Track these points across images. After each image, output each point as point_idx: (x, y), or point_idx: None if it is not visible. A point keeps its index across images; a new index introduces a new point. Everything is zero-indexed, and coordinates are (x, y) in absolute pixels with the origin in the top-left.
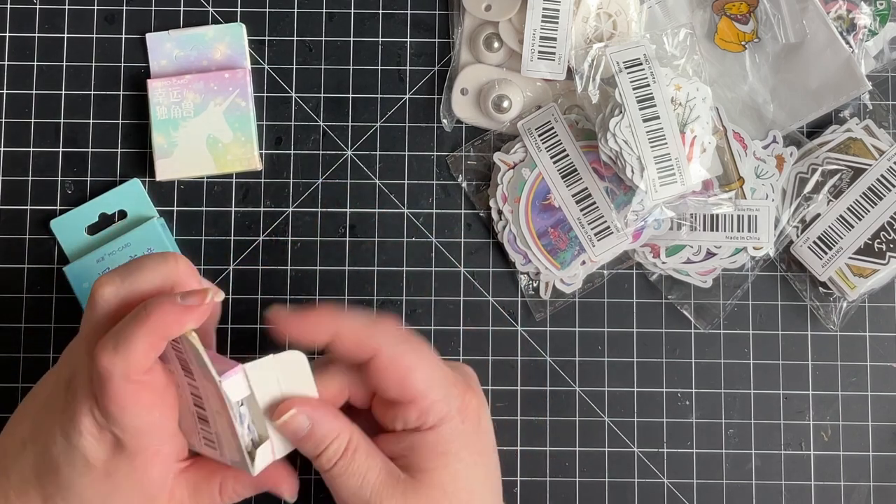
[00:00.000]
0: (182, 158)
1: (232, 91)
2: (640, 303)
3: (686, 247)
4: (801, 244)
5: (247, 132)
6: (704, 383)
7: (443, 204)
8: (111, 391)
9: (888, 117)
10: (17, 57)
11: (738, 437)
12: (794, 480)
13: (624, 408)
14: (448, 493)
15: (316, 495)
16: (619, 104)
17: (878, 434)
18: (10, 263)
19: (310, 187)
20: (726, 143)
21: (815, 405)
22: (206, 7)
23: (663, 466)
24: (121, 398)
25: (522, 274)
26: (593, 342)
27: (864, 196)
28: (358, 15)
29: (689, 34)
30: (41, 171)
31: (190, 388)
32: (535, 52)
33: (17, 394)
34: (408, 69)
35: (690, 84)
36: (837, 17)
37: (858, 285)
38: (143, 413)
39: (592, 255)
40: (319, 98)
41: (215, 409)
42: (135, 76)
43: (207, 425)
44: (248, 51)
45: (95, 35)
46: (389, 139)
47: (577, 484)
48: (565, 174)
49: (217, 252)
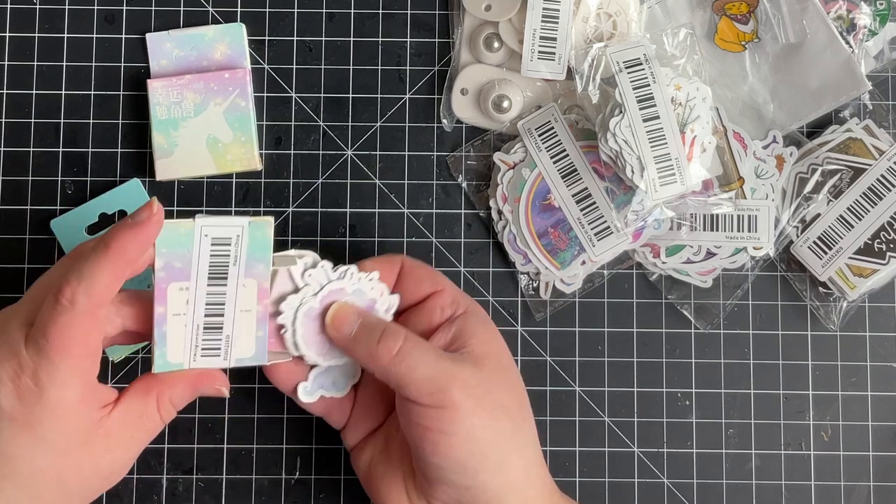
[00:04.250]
0: (182, 158)
1: (232, 91)
2: (640, 303)
3: (686, 247)
4: (801, 244)
5: (247, 132)
6: (704, 383)
7: (443, 204)
8: (66, 322)
9: (888, 117)
10: (17, 57)
11: (738, 437)
12: (794, 480)
13: (624, 408)
14: (493, 360)
15: (316, 495)
16: (619, 104)
17: (878, 434)
18: (10, 263)
19: (310, 187)
20: (726, 143)
21: (815, 405)
22: (206, 7)
23: (663, 466)
24: (73, 331)
25: (522, 274)
26: (593, 342)
27: (864, 196)
28: (358, 15)
29: (689, 34)
30: (41, 171)
31: (206, 298)
32: (535, 52)
33: None
34: (408, 69)
35: (690, 84)
36: (837, 17)
37: (858, 285)
38: (83, 354)
39: (592, 255)
40: (319, 98)
41: (244, 309)
42: (135, 76)
43: (217, 332)
44: (248, 51)
45: (95, 35)
46: (389, 139)
47: (577, 484)
48: (565, 174)
49: None
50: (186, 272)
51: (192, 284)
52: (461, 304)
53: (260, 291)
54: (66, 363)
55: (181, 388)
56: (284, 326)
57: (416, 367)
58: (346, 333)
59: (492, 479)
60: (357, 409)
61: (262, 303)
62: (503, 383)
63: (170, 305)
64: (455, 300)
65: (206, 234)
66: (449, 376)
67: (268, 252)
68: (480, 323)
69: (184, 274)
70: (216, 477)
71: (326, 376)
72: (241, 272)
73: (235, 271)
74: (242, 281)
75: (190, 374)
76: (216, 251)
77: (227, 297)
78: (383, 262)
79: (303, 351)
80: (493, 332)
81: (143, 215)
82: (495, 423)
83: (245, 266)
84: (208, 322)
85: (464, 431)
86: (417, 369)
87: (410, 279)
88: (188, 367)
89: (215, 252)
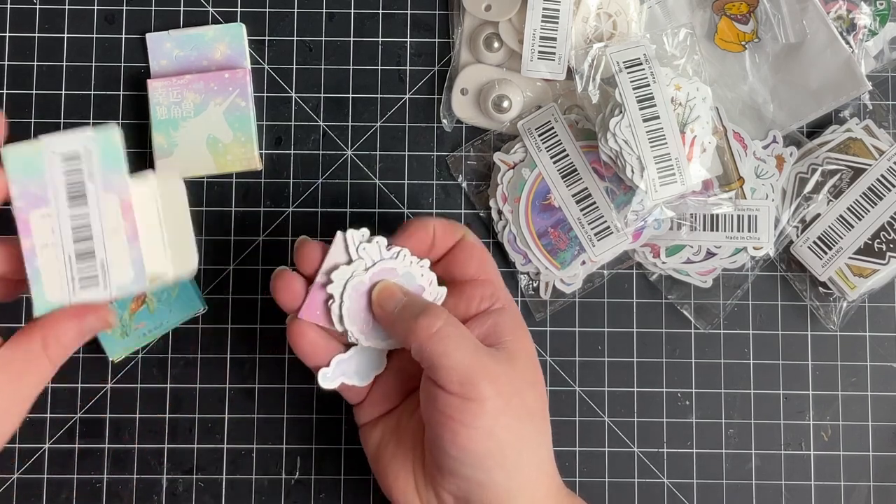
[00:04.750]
0: (182, 158)
1: (232, 91)
2: (640, 303)
3: (686, 247)
4: (801, 244)
5: (247, 132)
6: (704, 383)
7: (443, 204)
8: None
9: (888, 117)
10: (17, 57)
11: (738, 437)
12: (794, 480)
13: (624, 408)
14: (525, 361)
15: (316, 495)
16: (619, 104)
17: (878, 434)
18: None
19: (310, 187)
20: (726, 143)
21: (815, 405)
22: (206, 7)
23: (663, 466)
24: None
25: (522, 274)
26: (593, 342)
27: (864, 196)
28: (358, 15)
29: (689, 34)
30: None
31: (71, 222)
32: (535, 52)
33: None
34: (408, 69)
35: (690, 84)
36: (837, 17)
37: (858, 285)
38: None
39: (592, 255)
40: (319, 98)
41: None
42: (135, 76)
43: (90, 259)
44: (248, 51)
45: (95, 35)
46: (389, 139)
47: (577, 484)
48: (565, 174)
49: (217, 252)
50: (44, 197)
51: (52, 210)
52: (501, 298)
53: (123, 206)
54: None
55: (65, 324)
56: (332, 297)
57: (452, 353)
58: (390, 310)
59: (506, 478)
60: (374, 393)
61: (127, 218)
62: (532, 385)
63: (35, 236)
64: (495, 293)
65: (53, 152)
66: (482, 368)
67: (120, 162)
68: (516, 321)
69: (42, 200)
70: (216, 477)
71: (350, 363)
72: (99, 187)
73: (93, 188)
74: (102, 196)
75: (70, 309)
76: (69, 167)
77: (91, 217)
78: (446, 228)
79: (346, 325)
80: (526, 333)
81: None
82: (518, 424)
83: (102, 180)
84: (79, 249)
85: (486, 427)
86: (453, 354)
87: (462, 254)
88: (69, 303)
89: (68, 169)
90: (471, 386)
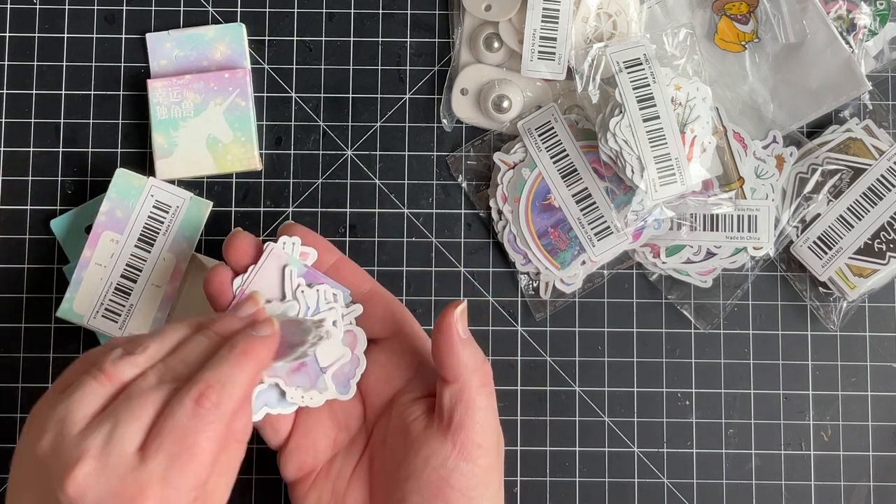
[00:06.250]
0: (182, 158)
1: (232, 91)
2: (640, 303)
3: (686, 247)
4: (801, 244)
5: (247, 132)
6: (704, 383)
7: (443, 204)
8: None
9: (888, 117)
10: (17, 57)
11: (738, 437)
12: (794, 480)
13: (624, 408)
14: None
15: None
16: (619, 104)
17: (878, 434)
18: (10, 263)
19: (310, 187)
20: (726, 143)
21: (815, 405)
22: (206, 7)
23: (663, 466)
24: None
25: (522, 274)
26: (593, 342)
27: (864, 196)
28: (358, 15)
29: (689, 34)
30: (41, 171)
31: (129, 259)
32: (535, 52)
33: (17, 393)
34: (408, 69)
35: (690, 84)
36: (837, 17)
37: (858, 285)
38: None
39: (592, 255)
40: (319, 98)
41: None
42: (135, 76)
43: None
44: (248, 51)
45: (95, 35)
46: (389, 139)
47: (577, 484)
48: (565, 174)
49: (217, 252)
50: (122, 225)
51: (121, 239)
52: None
53: (174, 271)
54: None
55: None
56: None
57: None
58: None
59: None
60: (298, 432)
61: (172, 283)
62: (498, 473)
63: (97, 252)
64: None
65: (152, 195)
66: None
67: (196, 233)
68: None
69: (119, 226)
70: None
71: (271, 392)
72: (166, 244)
73: (162, 241)
74: (164, 254)
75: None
76: (154, 214)
77: (146, 263)
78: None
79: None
80: (494, 416)
81: (266, 329)
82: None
83: (172, 239)
84: (121, 284)
85: None
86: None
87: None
88: (86, 323)
89: (153, 215)
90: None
